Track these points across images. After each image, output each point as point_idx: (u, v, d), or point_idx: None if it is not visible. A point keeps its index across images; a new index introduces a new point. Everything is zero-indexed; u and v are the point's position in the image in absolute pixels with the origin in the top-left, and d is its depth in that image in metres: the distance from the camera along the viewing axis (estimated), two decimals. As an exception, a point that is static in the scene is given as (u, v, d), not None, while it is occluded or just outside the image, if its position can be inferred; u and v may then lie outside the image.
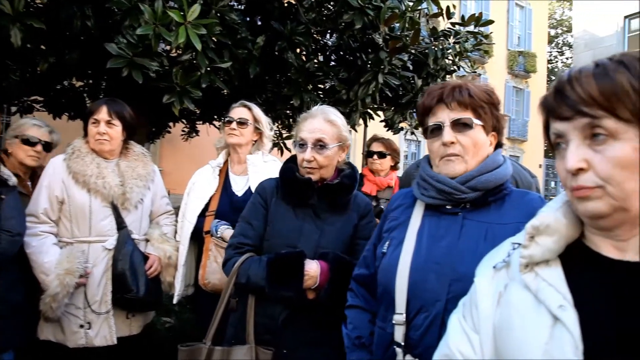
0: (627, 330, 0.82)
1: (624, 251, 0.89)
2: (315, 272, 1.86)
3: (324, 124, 1.99)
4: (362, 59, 4.18)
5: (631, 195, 0.83)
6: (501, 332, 0.94)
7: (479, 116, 1.46)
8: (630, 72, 0.83)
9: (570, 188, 0.88)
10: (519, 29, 25.44)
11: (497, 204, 1.48)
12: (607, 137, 0.83)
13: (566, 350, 0.82)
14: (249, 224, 2.04)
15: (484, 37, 4.79)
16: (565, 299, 0.86)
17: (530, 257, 0.93)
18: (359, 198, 2.11)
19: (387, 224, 1.64)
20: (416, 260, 1.44)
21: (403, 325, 1.41)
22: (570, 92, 0.87)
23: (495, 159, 1.50)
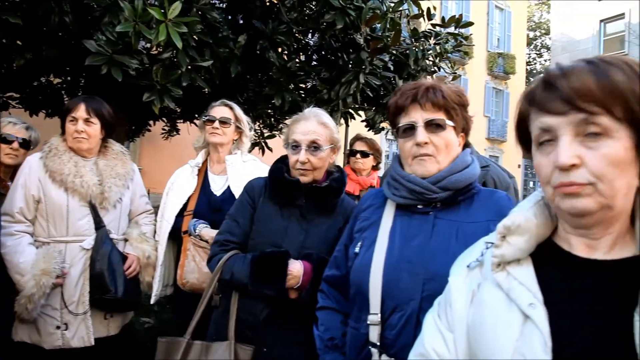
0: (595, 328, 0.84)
1: (595, 250, 0.91)
2: (299, 272, 1.86)
3: (317, 126, 2.00)
4: (344, 59, 4.19)
5: (618, 194, 0.84)
6: (474, 330, 0.96)
7: (451, 117, 1.50)
8: (622, 71, 0.84)
9: (556, 184, 0.87)
10: (498, 30, 25.77)
11: (467, 202, 1.52)
12: (601, 134, 0.83)
13: (536, 347, 0.84)
14: (236, 222, 2.05)
15: (464, 38, 4.85)
16: (536, 297, 0.88)
17: (502, 257, 0.94)
18: (346, 202, 2.12)
19: (358, 224, 1.64)
20: (389, 260, 1.45)
21: (378, 326, 1.42)
22: (565, 86, 0.85)
23: (464, 159, 1.53)
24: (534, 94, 0.92)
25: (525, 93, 0.95)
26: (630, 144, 0.82)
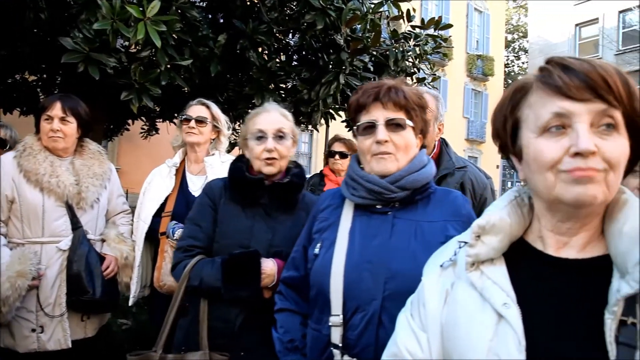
0: (567, 327, 0.85)
1: (567, 249, 0.93)
2: (272, 270, 1.84)
3: (280, 117, 2.02)
4: (324, 60, 4.20)
5: (616, 190, 0.87)
6: (448, 330, 0.96)
7: (411, 118, 1.51)
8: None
9: (570, 169, 0.85)
10: (477, 33, 26.10)
11: (424, 202, 1.54)
12: (614, 127, 0.85)
13: (510, 346, 0.85)
14: (198, 226, 1.99)
15: (443, 40, 4.90)
16: (509, 296, 0.89)
17: (476, 256, 0.95)
18: (307, 197, 2.11)
19: (317, 224, 1.63)
20: (350, 260, 1.45)
21: (340, 327, 1.41)
22: (596, 76, 0.84)
23: (421, 159, 1.55)
24: (549, 77, 0.89)
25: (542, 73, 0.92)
26: (626, 142, 0.86)
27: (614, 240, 0.88)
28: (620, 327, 0.79)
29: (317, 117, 4.44)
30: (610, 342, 0.79)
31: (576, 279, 0.90)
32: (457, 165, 2.54)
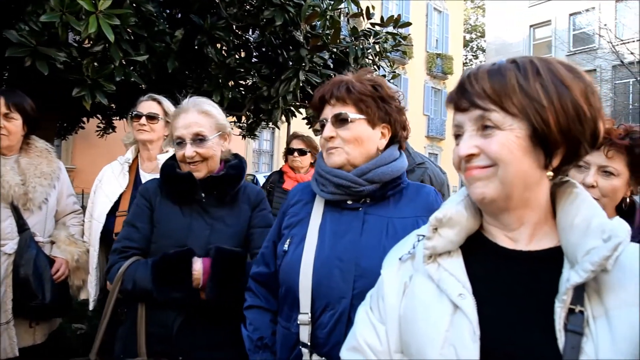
0: (520, 316, 0.88)
1: (516, 241, 0.96)
2: (199, 271, 1.79)
3: (198, 117, 1.93)
4: (284, 56, 4.18)
5: (514, 182, 0.90)
6: (406, 321, 0.97)
7: (360, 110, 1.49)
8: (519, 72, 0.90)
9: (464, 171, 0.95)
10: (437, 32, 26.61)
11: (395, 197, 1.53)
12: (494, 128, 0.90)
13: (465, 336, 0.86)
14: (134, 227, 1.93)
15: (403, 38, 4.96)
16: (465, 287, 0.92)
17: (433, 248, 0.97)
18: (249, 189, 2.06)
19: (287, 220, 1.61)
20: (319, 257, 1.43)
21: (308, 325, 1.40)
22: (469, 86, 0.94)
23: (391, 153, 1.54)
24: (451, 95, 0.99)
25: (448, 95, 1.02)
26: (523, 134, 0.88)
27: (565, 232, 0.91)
28: (569, 315, 0.82)
29: (277, 114, 4.41)
30: (560, 329, 0.82)
31: (528, 269, 0.92)
32: (416, 162, 2.57)
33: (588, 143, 0.91)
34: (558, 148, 0.90)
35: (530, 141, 0.88)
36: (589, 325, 0.82)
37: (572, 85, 0.89)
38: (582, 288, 0.84)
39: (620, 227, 0.83)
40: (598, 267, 0.80)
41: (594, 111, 0.90)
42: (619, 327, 0.80)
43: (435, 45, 26.46)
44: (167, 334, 1.79)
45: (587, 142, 0.91)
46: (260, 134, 16.16)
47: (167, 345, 1.79)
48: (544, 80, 0.88)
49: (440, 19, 26.78)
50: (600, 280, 0.84)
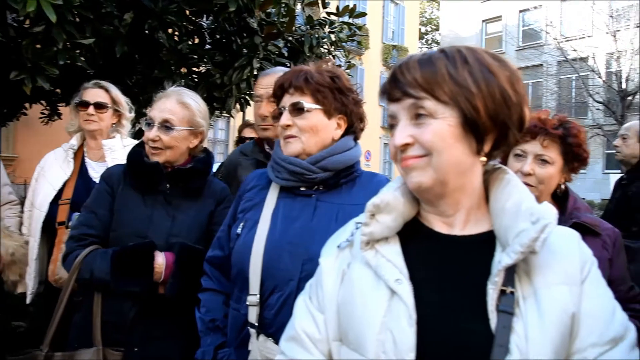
0: (454, 298, 0.91)
1: (451, 226, 0.99)
2: (161, 265, 1.77)
3: (175, 105, 1.92)
4: (237, 43, 4.11)
5: (448, 169, 0.92)
6: (344, 309, 0.98)
7: (317, 100, 1.52)
8: (449, 61, 0.92)
9: (399, 161, 0.96)
10: (393, 24, 26.84)
11: (348, 185, 1.57)
12: (427, 116, 0.92)
13: (401, 320, 0.88)
14: (93, 213, 1.88)
15: (358, 28, 4.99)
16: (402, 273, 0.93)
17: (370, 235, 0.98)
18: (214, 184, 2.05)
19: (242, 204, 1.64)
20: (270, 241, 1.47)
21: (257, 306, 1.44)
22: (401, 76, 0.95)
23: (345, 143, 1.58)
24: (384, 86, 1.00)
25: (381, 86, 1.03)
26: (455, 122, 0.91)
27: (498, 216, 0.95)
28: (501, 296, 0.86)
29: (231, 102, 4.35)
30: (492, 310, 0.85)
31: (463, 253, 0.96)
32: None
33: (516, 127, 0.95)
34: (488, 134, 0.93)
35: (462, 128, 0.91)
36: (519, 305, 0.86)
37: (498, 72, 0.92)
38: (513, 269, 0.88)
39: (547, 210, 0.88)
40: (527, 248, 0.84)
41: (520, 97, 0.93)
42: (546, 305, 0.85)
43: (391, 37, 26.70)
44: (123, 324, 1.78)
45: (515, 127, 0.95)
46: (214, 123, 15.89)
47: (122, 334, 1.77)
48: (472, 68, 0.91)
49: (397, 11, 27.01)
50: (529, 262, 0.89)
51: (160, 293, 1.80)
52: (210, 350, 1.55)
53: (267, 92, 2.13)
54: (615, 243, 1.79)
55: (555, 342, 0.83)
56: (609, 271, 1.71)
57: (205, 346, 1.56)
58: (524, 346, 0.82)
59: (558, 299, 0.86)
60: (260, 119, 2.19)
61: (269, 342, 1.40)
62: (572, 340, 0.86)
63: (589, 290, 0.89)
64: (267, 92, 2.13)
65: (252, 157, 2.27)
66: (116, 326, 1.77)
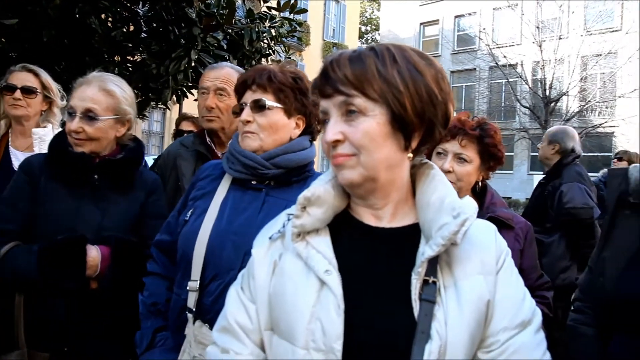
0: (381, 288, 0.95)
1: (380, 219, 1.03)
2: (95, 259, 1.70)
3: (97, 93, 1.80)
4: (175, 33, 4.01)
5: (378, 165, 0.96)
6: (276, 299, 1.00)
7: (278, 99, 1.56)
8: (378, 59, 0.96)
9: (331, 158, 0.99)
10: (334, 22, 27.10)
11: (300, 184, 1.60)
12: (358, 113, 0.94)
13: (330, 310, 0.92)
14: (12, 207, 1.75)
15: (299, 24, 5.01)
16: (331, 264, 0.96)
17: (301, 227, 1.00)
18: (145, 174, 1.99)
19: (194, 192, 1.65)
20: (216, 229, 1.49)
21: (196, 292, 1.46)
22: (332, 73, 0.96)
23: (301, 142, 1.62)
24: (316, 81, 1.02)
25: (312, 81, 1.05)
26: (384, 119, 0.95)
27: (423, 210, 1.00)
28: (424, 285, 0.91)
29: (167, 94, 4.24)
30: (415, 299, 0.91)
31: (390, 245, 1.01)
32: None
33: (441, 124, 1.00)
34: (415, 131, 0.98)
35: (390, 126, 0.95)
36: (440, 294, 0.92)
37: (425, 71, 0.97)
38: (436, 260, 0.94)
39: (468, 205, 0.94)
40: (448, 241, 0.90)
41: (445, 95, 0.99)
42: (464, 294, 0.92)
43: (332, 35, 26.94)
44: (55, 323, 1.68)
45: (440, 124, 1.00)
46: (149, 115, 15.40)
47: (54, 334, 1.68)
48: (400, 67, 0.95)
49: (338, 9, 27.29)
50: (451, 253, 0.95)
51: (93, 288, 1.72)
52: (148, 333, 1.55)
53: (214, 85, 2.15)
54: (527, 235, 1.95)
55: (472, 327, 0.90)
56: (520, 261, 1.86)
57: (144, 329, 1.56)
58: (444, 332, 0.88)
59: (475, 287, 0.93)
60: (206, 111, 2.18)
61: (205, 328, 1.41)
62: (486, 325, 0.93)
63: (503, 280, 0.97)
64: (214, 85, 2.15)
65: (193, 149, 2.24)
66: (47, 326, 1.68)
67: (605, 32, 18.63)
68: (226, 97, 2.16)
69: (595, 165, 14.76)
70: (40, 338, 1.67)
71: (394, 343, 0.89)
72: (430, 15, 27.75)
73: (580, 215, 3.13)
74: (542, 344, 0.95)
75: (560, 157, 3.47)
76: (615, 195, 1.38)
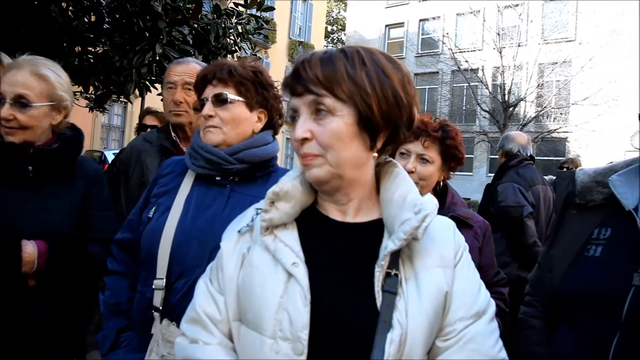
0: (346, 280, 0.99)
1: (345, 214, 1.07)
2: (31, 255, 1.64)
3: (29, 78, 1.70)
4: (139, 26, 3.94)
5: (345, 164, 1.00)
6: (244, 290, 1.03)
7: (240, 93, 1.57)
8: (348, 61, 1.00)
9: (299, 156, 1.02)
10: (300, 20, 27.10)
11: (264, 179, 1.61)
12: (327, 112, 0.98)
13: (297, 301, 0.95)
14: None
15: (265, 22, 5.00)
16: (298, 257, 1.00)
17: (270, 221, 1.03)
18: (85, 164, 1.91)
19: (156, 189, 1.62)
20: (181, 226, 1.48)
21: (162, 290, 1.44)
22: (303, 72, 1.00)
23: (264, 137, 1.63)
24: (287, 80, 1.06)
25: (283, 79, 1.08)
26: (352, 120, 0.99)
27: (386, 206, 1.05)
28: (386, 278, 0.96)
29: (130, 87, 4.17)
30: (378, 290, 0.95)
31: (354, 239, 1.05)
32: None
33: (405, 126, 1.05)
34: (381, 131, 1.03)
35: (357, 126, 0.99)
36: (402, 285, 0.97)
37: (392, 75, 1.01)
38: (398, 254, 0.99)
39: (429, 202, 1.00)
40: (409, 235, 0.95)
41: (410, 98, 1.04)
42: (424, 286, 0.97)
43: (298, 33, 26.93)
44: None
45: (405, 126, 1.05)
46: (110, 108, 14.98)
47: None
48: (368, 70, 0.99)
49: (305, 8, 27.30)
50: (412, 247, 1.00)
51: (32, 286, 1.65)
52: (111, 333, 1.52)
53: (181, 79, 2.14)
54: (485, 234, 2.03)
55: (431, 317, 0.95)
56: (479, 258, 1.93)
57: (107, 329, 1.53)
58: (405, 321, 0.92)
59: (434, 280, 0.99)
60: (174, 105, 2.16)
61: (172, 326, 1.40)
62: (444, 315, 0.99)
63: (460, 273, 1.03)
64: (182, 79, 2.14)
65: (158, 144, 2.21)
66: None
67: (560, 42, 19.40)
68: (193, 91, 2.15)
69: (550, 169, 15.45)
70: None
71: (357, 332, 0.94)
72: (396, 17, 28.14)
73: (511, 213, 3.29)
74: (495, 332, 1.01)
75: (506, 159, 3.62)
76: (563, 196, 1.46)
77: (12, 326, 1.62)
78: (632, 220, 1.24)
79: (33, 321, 1.66)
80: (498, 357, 0.99)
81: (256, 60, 1.67)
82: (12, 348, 1.63)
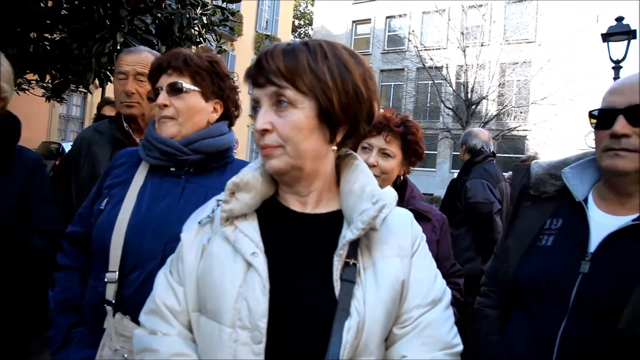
0: (306, 270, 1.00)
1: (305, 205, 1.09)
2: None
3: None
4: (100, 13, 3.83)
5: (304, 156, 1.01)
6: (204, 281, 1.03)
7: (195, 82, 1.54)
8: (310, 54, 1.00)
9: (260, 147, 1.03)
10: (267, 13, 26.89)
11: (220, 170, 1.60)
12: (288, 104, 0.99)
13: (256, 290, 0.96)
14: None
15: (232, 14, 4.95)
16: (258, 247, 1.00)
17: (230, 211, 1.03)
18: (25, 154, 1.84)
19: (109, 180, 1.59)
20: (134, 218, 1.45)
21: (115, 283, 1.41)
22: (265, 64, 1.00)
23: (220, 128, 1.61)
24: (250, 71, 1.05)
25: (246, 70, 1.07)
26: (312, 113, 1.00)
27: (346, 197, 1.07)
28: (345, 267, 0.98)
29: (89, 76, 4.04)
30: (336, 279, 0.97)
31: (314, 230, 1.06)
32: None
33: (365, 121, 1.07)
34: (341, 125, 1.04)
35: (317, 119, 1.01)
36: (360, 274, 0.99)
37: (354, 69, 1.03)
38: (357, 244, 1.01)
39: (387, 193, 1.02)
40: (367, 225, 0.97)
41: (371, 93, 1.05)
42: (381, 275, 1.00)
43: (265, 26, 26.71)
44: None
45: (364, 120, 1.07)
46: (69, 98, 14.51)
47: None
48: (330, 64, 1.00)
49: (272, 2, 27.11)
50: (370, 237, 1.02)
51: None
52: (62, 330, 1.48)
53: (133, 69, 2.07)
54: (443, 227, 2.09)
55: (388, 305, 0.98)
56: (436, 250, 1.98)
57: (57, 326, 1.49)
58: (362, 309, 0.94)
59: (392, 269, 1.01)
60: (126, 96, 2.10)
61: (126, 320, 1.37)
62: (401, 303, 1.02)
63: (417, 262, 1.06)
64: (134, 69, 2.08)
65: (109, 135, 2.14)
66: None
67: (521, 43, 19.93)
68: (146, 82, 2.07)
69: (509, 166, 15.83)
70: None
71: (316, 320, 0.95)
72: (363, 13, 28.31)
73: (481, 209, 3.36)
74: (450, 319, 1.05)
75: (470, 156, 3.70)
76: (519, 188, 1.52)
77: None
78: (582, 210, 1.31)
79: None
80: (453, 343, 1.02)
81: (208, 51, 1.64)
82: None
